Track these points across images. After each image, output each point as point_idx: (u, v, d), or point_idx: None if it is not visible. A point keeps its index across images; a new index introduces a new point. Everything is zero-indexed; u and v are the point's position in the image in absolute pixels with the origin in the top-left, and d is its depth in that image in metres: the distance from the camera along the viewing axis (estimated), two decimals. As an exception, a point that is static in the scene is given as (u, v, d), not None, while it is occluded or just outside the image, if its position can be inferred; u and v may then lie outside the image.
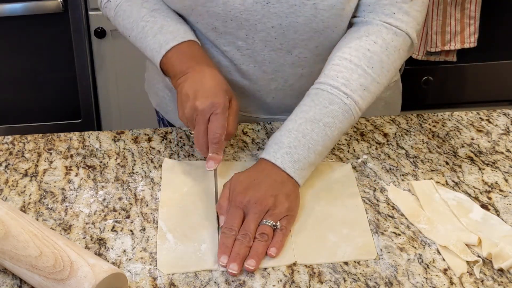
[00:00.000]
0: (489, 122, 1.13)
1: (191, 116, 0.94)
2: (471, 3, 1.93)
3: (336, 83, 0.94)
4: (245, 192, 0.89)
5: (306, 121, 0.93)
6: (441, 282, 0.82)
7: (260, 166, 0.93)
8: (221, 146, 0.94)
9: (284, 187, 0.90)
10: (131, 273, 0.82)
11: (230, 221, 0.87)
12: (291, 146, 0.92)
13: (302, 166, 0.92)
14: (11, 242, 0.77)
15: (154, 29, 1.00)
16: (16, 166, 1.00)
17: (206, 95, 0.93)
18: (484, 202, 0.95)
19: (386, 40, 0.96)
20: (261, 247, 0.85)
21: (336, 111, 0.93)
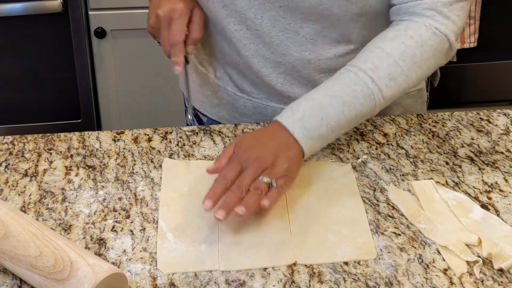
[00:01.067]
0: (489, 122, 1.13)
1: (156, 25, 1.02)
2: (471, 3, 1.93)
3: (364, 67, 0.95)
4: (248, 149, 0.91)
5: (326, 95, 0.94)
6: (441, 282, 0.82)
7: (270, 128, 0.95)
8: (181, 49, 1.01)
9: (288, 151, 0.91)
10: (131, 273, 0.82)
11: (225, 172, 0.89)
12: (305, 114, 0.93)
13: (311, 135, 0.92)
14: (11, 242, 0.77)
15: None
16: (16, 166, 1.00)
17: (167, 3, 1.02)
18: (484, 202, 0.95)
19: (423, 37, 0.97)
20: (252, 199, 0.86)
21: (358, 93, 0.94)
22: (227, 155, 0.92)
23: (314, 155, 1.03)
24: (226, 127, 1.10)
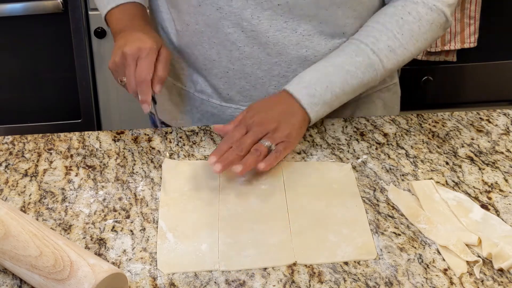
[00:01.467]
0: (489, 122, 1.13)
1: (122, 63, 1.01)
2: (471, 3, 1.94)
3: (366, 40, 1.02)
4: (254, 114, 0.98)
5: (331, 65, 1.01)
6: (441, 282, 0.82)
7: (278, 95, 1.01)
8: (148, 87, 1.00)
9: (292, 117, 0.98)
10: (131, 273, 0.82)
11: (232, 133, 0.97)
12: (311, 82, 1.00)
13: (316, 101, 0.99)
14: (11, 242, 0.77)
15: None
16: (16, 166, 1.00)
17: (134, 41, 1.01)
18: (484, 202, 0.95)
19: (420, 13, 1.03)
20: (250, 159, 0.93)
21: (360, 63, 1.01)
22: (237, 120, 0.99)
23: (314, 155, 1.03)
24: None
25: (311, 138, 1.07)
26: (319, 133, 1.09)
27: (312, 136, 1.08)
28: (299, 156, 1.03)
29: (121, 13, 1.09)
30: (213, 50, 1.07)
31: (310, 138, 1.07)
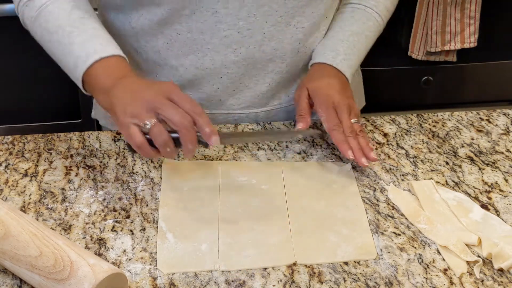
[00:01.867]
0: (489, 122, 1.13)
1: (147, 107, 0.84)
2: (471, 3, 1.93)
3: (368, 4, 1.12)
4: (328, 93, 1.01)
5: (352, 33, 1.09)
6: (441, 282, 0.82)
7: (321, 70, 1.06)
8: (207, 117, 0.86)
9: (348, 90, 1.05)
10: (131, 273, 0.82)
11: (334, 119, 0.99)
12: (346, 53, 1.07)
13: (353, 71, 1.08)
14: (11, 242, 0.77)
15: (83, 37, 0.94)
16: (16, 166, 1.00)
17: (154, 83, 0.89)
18: (484, 202, 0.95)
19: None
20: (364, 141, 0.99)
21: (372, 27, 1.11)
22: (305, 98, 1.03)
23: (314, 155, 1.03)
24: (226, 127, 1.10)
25: (311, 138, 1.07)
26: (319, 133, 1.09)
27: (312, 136, 1.08)
28: (299, 156, 1.03)
29: (109, 66, 0.93)
30: (206, 57, 1.05)
31: (310, 138, 1.07)
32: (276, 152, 1.04)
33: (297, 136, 1.05)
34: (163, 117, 0.84)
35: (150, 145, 0.85)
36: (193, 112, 0.84)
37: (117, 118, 0.86)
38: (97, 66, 0.92)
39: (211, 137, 0.84)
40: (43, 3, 0.98)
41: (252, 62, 1.06)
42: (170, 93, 0.85)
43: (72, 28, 0.95)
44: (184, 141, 0.83)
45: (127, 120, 0.85)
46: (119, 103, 0.87)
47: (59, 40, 0.95)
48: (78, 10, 0.98)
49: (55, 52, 0.97)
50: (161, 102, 0.84)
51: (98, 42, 0.94)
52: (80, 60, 0.93)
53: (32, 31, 1.00)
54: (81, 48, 0.93)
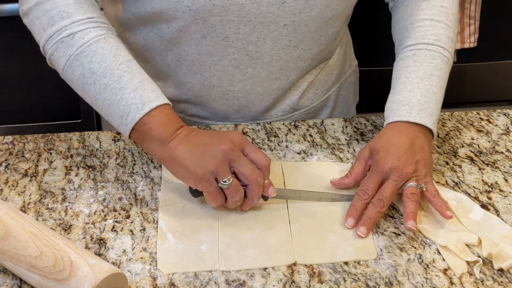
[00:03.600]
0: (489, 122, 1.13)
1: (223, 161, 0.85)
2: (471, 3, 1.93)
3: (429, 40, 1.02)
4: (386, 158, 0.92)
5: (421, 79, 0.99)
6: (441, 282, 0.82)
7: (396, 129, 0.96)
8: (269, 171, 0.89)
9: (422, 152, 0.93)
10: (131, 273, 0.82)
11: (366, 186, 0.91)
12: (421, 102, 0.96)
13: (435, 119, 0.97)
14: (11, 242, 0.77)
15: (134, 83, 0.90)
16: (16, 166, 1.00)
17: (222, 133, 0.89)
18: (484, 202, 0.95)
19: None
20: (413, 206, 0.88)
21: (441, 64, 1.01)
22: (363, 160, 0.94)
23: (314, 155, 1.03)
24: (226, 127, 1.10)
25: (311, 138, 1.07)
26: (319, 133, 1.09)
27: (312, 136, 1.08)
28: (299, 156, 1.03)
29: (164, 116, 0.91)
30: (214, 77, 1.05)
31: (310, 138, 1.07)
32: (276, 152, 1.04)
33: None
34: (237, 170, 0.86)
35: None
36: (263, 167, 0.87)
37: (192, 172, 0.86)
38: (152, 114, 0.89)
39: (269, 188, 0.89)
40: (86, 42, 0.91)
41: (258, 81, 1.06)
42: (242, 145, 0.87)
43: (121, 72, 0.91)
44: (252, 196, 0.87)
45: (206, 175, 0.85)
46: (190, 157, 0.87)
47: (107, 83, 0.90)
48: (122, 52, 0.93)
49: (100, 96, 0.91)
50: (237, 155, 0.86)
51: (150, 89, 0.91)
52: (134, 107, 0.89)
53: (67, 70, 0.94)
54: (135, 95, 0.90)
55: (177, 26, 0.99)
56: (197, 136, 0.89)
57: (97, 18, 0.94)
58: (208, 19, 0.97)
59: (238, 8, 0.96)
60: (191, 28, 0.98)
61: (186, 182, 0.89)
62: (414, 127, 0.95)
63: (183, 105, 1.12)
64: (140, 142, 0.91)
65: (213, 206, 0.89)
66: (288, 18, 0.99)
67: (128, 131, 0.90)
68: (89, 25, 0.92)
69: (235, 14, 0.96)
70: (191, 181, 0.87)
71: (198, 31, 0.99)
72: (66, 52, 0.92)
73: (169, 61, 1.05)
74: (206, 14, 0.96)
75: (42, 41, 0.95)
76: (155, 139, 0.89)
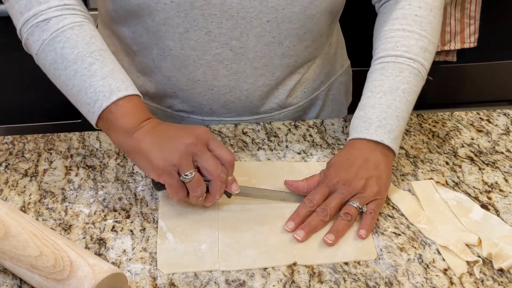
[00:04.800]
0: (489, 122, 1.13)
1: (186, 154, 0.85)
2: (471, 3, 1.94)
3: (398, 52, 0.99)
4: (337, 172, 0.92)
5: (385, 93, 0.96)
6: (441, 282, 0.82)
7: (353, 146, 0.95)
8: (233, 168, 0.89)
9: (377, 169, 0.92)
10: (131, 273, 0.82)
11: (314, 195, 0.91)
12: (380, 119, 0.95)
13: (396, 135, 0.95)
14: (11, 242, 0.77)
15: (105, 71, 0.90)
16: (16, 166, 1.00)
17: (187, 128, 0.89)
18: (484, 202, 0.95)
19: (428, 2, 1.02)
20: (341, 225, 0.87)
21: (408, 77, 0.98)
22: (315, 179, 0.93)
23: (314, 155, 1.03)
24: (226, 127, 1.10)
25: (311, 138, 1.07)
26: (319, 133, 1.09)
27: (312, 136, 1.08)
28: (299, 156, 1.03)
29: (131, 106, 0.90)
30: (198, 71, 1.05)
31: (310, 138, 1.07)
32: (276, 152, 1.04)
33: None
34: (200, 165, 0.86)
35: None
36: (227, 163, 0.87)
37: (155, 165, 0.85)
38: (119, 104, 0.89)
39: (232, 185, 0.89)
40: (60, 27, 0.92)
41: (242, 77, 1.06)
42: (207, 140, 0.87)
43: (93, 59, 0.91)
44: (215, 192, 0.87)
45: (168, 168, 0.85)
46: (155, 149, 0.86)
47: (78, 70, 0.90)
48: (96, 40, 0.93)
49: (69, 82, 0.91)
50: (200, 150, 0.86)
51: (120, 79, 0.91)
52: (102, 95, 0.89)
53: (40, 55, 0.93)
54: (103, 83, 0.90)
55: (160, 19, 0.99)
56: (163, 129, 0.89)
57: (74, 5, 0.94)
58: (190, 12, 0.97)
59: (220, 2, 0.96)
60: (174, 22, 0.99)
61: (149, 174, 0.88)
62: (371, 144, 0.94)
63: (170, 100, 1.12)
64: (106, 131, 0.91)
65: (175, 200, 0.89)
66: (271, 14, 0.99)
67: (95, 119, 0.90)
68: (65, 12, 0.93)
69: (217, 8, 0.97)
70: (153, 173, 0.87)
71: (180, 25, 0.99)
72: (41, 37, 0.93)
73: (154, 55, 1.05)
74: (188, 7, 0.96)
75: (18, 25, 0.95)
76: (120, 129, 0.89)
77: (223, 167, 0.86)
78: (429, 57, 1.00)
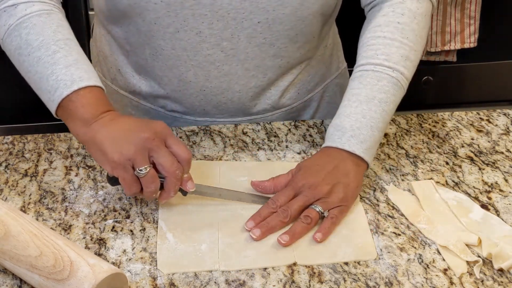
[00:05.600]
0: (489, 122, 1.13)
1: (142, 149, 0.84)
2: (471, 3, 1.94)
3: (378, 60, 0.97)
4: (305, 175, 0.91)
5: (361, 102, 0.95)
6: (441, 282, 0.82)
7: (325, 153, 0.95)
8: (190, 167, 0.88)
9: (346, 177, 0.91)
10: (131, 273, 0.82)
11: (278, 196, 0.90)
12: (353, 128, 0.93)
13: (369, 145, 0.93)
14: (11, 242, 0.77)
15: (68, 60, 0.90)
16: (16, 166, 1.00)
17: (146, 122, 0.88)
18: (484, 202, 0.95)
19: (412, 10, 0.99)
20: (299, 227, 0.86)
21: (386, 86, 0.96)
22: (281, 181, 0.93)
23: (314, 155, 1.03)
24: (226, 127, 1.10)
25: (311, 138, 1.07)
26: (319, 133, 1.09)
27: (312, 136, 1.08)
28: (299, 156, 1.03)
29: (92, 97, 0.90)
30: (190, 72, 1.04)
31: (310, 138, 1.07)
32: (276, 152, 1.04)
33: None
34: (156, 161, 0.85)
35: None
36: (184, 160, 0.86)
37: (109, 158, 0.85)
38: (80, 93, 0.89)
39: (187, 183, 0.88)
40: (27, 13, 0.92)
41: (234, 78, 1.05)
42: (165, 136, 0.86)
43: (57, 47, 0.91)
44: (169, 189, 0.86)
45: (123, 162, 0.84)
46: (110, 141, 0.85)
47: (41, 57, 0.90)
48: (63, 29, 0.93)
49: (32, 68, 0.91)
50: (157, 145, 0.85)
51: (83, 69, 0.91)
52: (63, 84, 0.89)
53: (5, 40, 0.93)
54: (66, 71, 0.89)
55: (151, 18, 0.99)
56: (121, 122, 0.88)
57: None
58: (180, 12, 0.97)
59: (210, 2, 0.96)
60: (164, 21, 0.98)
61: (103, 166, 0.87)
62: (343, 153, 0.93)
63: (162, 101, 1.12)
64: (66, 121, 0.91)
65: (128, 195, 0.88)
66: (262, 15, 0.98)
67: (54, 107, 0.90)
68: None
69: (207, 9, 0.96)
70: (107, 166, 0.86)
71: (171, 25, 0.99)
72: (7, 22, 0.92)
73: (147, 55, 1.05)
74: (178, 6, 0.96)
75: None
76: (79, 118, 0.89)
77: (179, 164, 0.86)
78: (411, 65, 0.98)
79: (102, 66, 1.16)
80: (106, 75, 1.16)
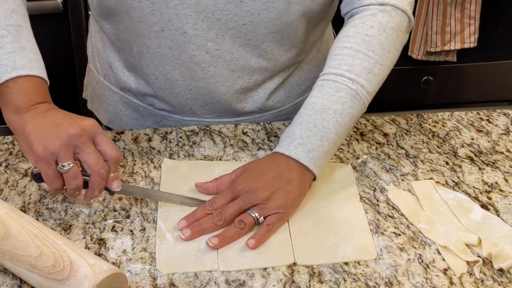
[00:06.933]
0: (489, 122, 1.13)
1: (67, 145, 0.83)
2: (471, 3, 1.93)
3: (340, 70, 0.95)
4: (246, 179, 0.91)
5: (316, 111, 0.93)
6: (441, 282, 0.82)
7: (272, 158, 0.93)
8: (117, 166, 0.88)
9: (289, 185, 0.90)
10: (131, 273, 0.82)
11: (216, 198, 0.90)
12: (303, 137, 0.92)
13: (316, 155, 0.91)
14: (11, 242, 0.77)
15: (14, 46, 0.89)
16: (16, 166, 1.00)
17: (76, 118, 0.87)
18: (484, 202, 0.95)
19: (382, 23, 0.97)
20: (231, 232, 0.86)
21: (344, 97, 0.93)
22: (224, 181, 0.93)
23: (314, 155, 1.03)
24: (226, 127, 1.10)
25: (311, 138, 1.07)
26: (319, 133, 1.09)
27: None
28: (299, 156, 1.03)
29: (30, 86, 0.89)
30: (175, 71, 1.04)
31: (310, 138, 1.07)
32: (276, 152, 1.04)
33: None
34: (81, 158, 0.84)
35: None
36: (111, 159, 0.85)
37: (34, 150, 0.84)
38: (19, 81, 0.88)
39: (113, 182, 0.87)
40: None
41: (220, 80, 1.05)
42: (93, 133, 0.85)
43: (6, 32, 0.90)
44: (94, 188, 0.85)
45: (46, 156, 0.83)
46: (37, 133, 0.84)
47: None
48: (17, 15, 0.92)
49: None
50: (83, 143, 0.84)
51: (28, 58, 0.89)
52: (3, 69, 0.88)
53: None
54: (9, 57, 0.88)
55: (137, 16, 0.99)
56: (53, 115, 0.87)
57: None
58: (165, 11, 0.97)
59: (194, 2, 0.96)
60: (149, 20, 0.98)
61: (29, 158, 0.86)
62: (290, 161, 0.91)
63: (151, 99, 1.12)
64: (1, 106, 0.89)
65: (52, 191, 0.86)
66: (247, 17, 0.98)
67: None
68: None
69: (191, 9, 0.96)
70: (32, 158, 0.85)
71: (156, 23, 0.99)
72: None
73: (135, 52, 1.05)
74: (163, 5, 0.96)
75: None
76: (13, 106, 0.88)
77: (105, 163, 0.85)
78: (374, 79, 0.95)
79: (96, 62, 1.17)
80: (99, 70, 1.16)
